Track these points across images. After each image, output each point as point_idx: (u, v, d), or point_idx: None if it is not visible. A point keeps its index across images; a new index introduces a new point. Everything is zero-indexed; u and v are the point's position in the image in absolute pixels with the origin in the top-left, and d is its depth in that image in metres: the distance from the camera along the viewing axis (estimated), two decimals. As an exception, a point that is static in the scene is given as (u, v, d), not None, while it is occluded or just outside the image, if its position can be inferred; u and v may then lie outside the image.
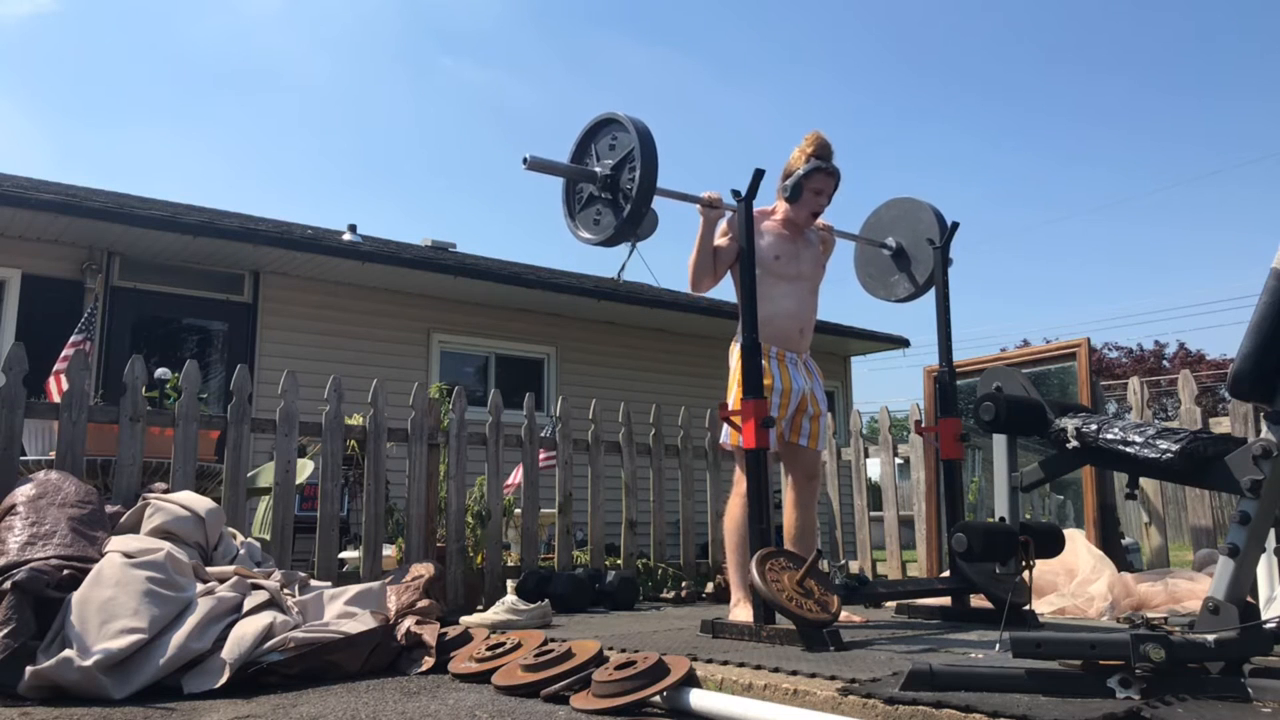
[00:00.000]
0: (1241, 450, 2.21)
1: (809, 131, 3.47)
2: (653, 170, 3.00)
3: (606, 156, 3.14)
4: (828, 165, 3.42)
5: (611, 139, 3.14)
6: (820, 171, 3.40)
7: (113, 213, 6.92)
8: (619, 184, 3.08)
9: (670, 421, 5.39)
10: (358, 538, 4.93)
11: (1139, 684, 1.92)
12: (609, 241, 3.17)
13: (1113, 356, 25.32)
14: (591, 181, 3.17)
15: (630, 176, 3.04)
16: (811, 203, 3.44)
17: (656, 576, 5.06)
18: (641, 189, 2.99)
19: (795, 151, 3.47)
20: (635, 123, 3.04)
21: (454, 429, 4.53)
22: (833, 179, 3.44)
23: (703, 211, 3.33)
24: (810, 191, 3.42)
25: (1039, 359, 5.16)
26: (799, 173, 3.40)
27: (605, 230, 3.15)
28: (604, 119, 3.17)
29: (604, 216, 3.16)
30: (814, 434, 3.52)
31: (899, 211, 3.96)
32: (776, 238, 3.48)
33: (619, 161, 3.09)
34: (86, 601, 2.61)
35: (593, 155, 3.19)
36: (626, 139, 3.07)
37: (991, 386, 2.96)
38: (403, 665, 2.93)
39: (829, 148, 3.44)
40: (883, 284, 4.05)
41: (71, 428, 3.63)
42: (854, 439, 5.63)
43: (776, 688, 2.20)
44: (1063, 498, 5.17)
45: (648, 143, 3.01)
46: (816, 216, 3.53)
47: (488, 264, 9.42)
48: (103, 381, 6.63)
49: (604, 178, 3.12)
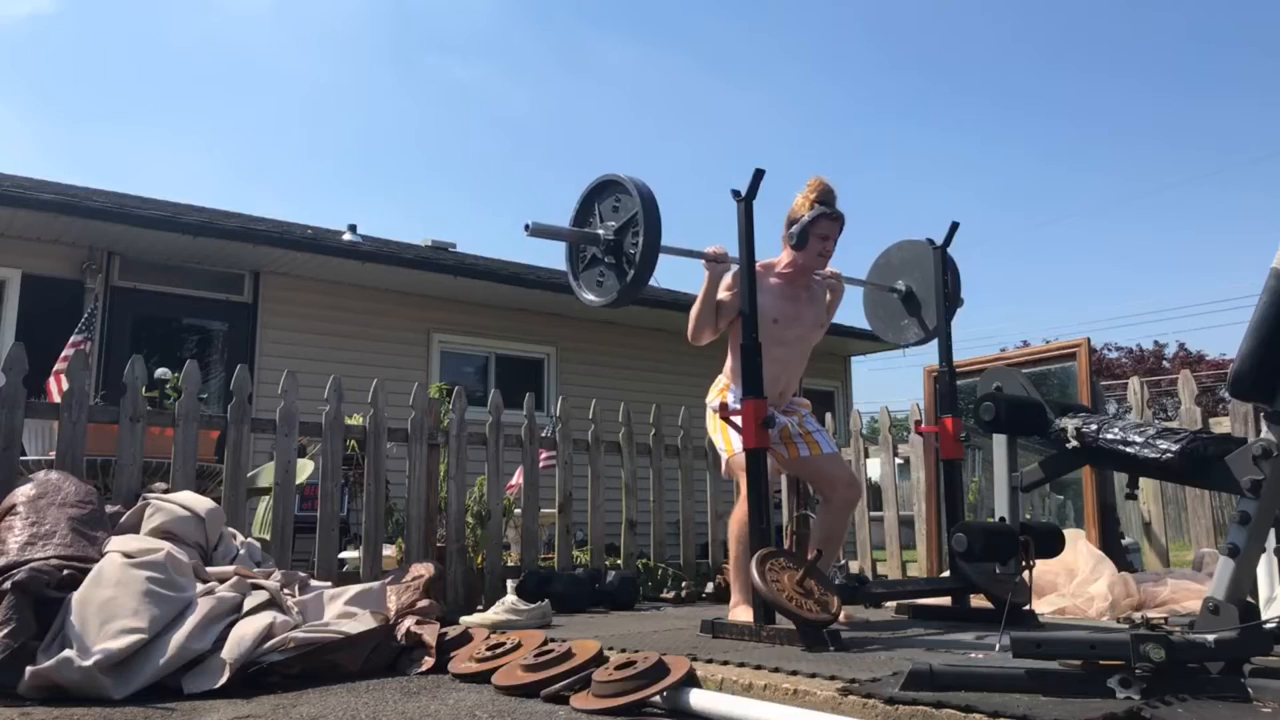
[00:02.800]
0: (1241, 450, 2.21)
1: (812, 177, 3.46)
2: (656, 236, 2.99)
3: (610, 218, 3.14)
4: (832, 210, 3.40)
5: (615, 200, 3.13)
6: (825, 217, 3.38)
7: (113, 213, 6.92)
8: (623, 248, 3.08)
9: (670, 421, 5.39)
10: (358, 538, 4.93)
11: (1139, 684, 1.92)
12: (613, 304, 3.18)
13: (1113, 356, 25.31)
14: (595, 244, 3.17)
15: (634, 241, 3.03)
16: (819, 248, 3.42)
17: (656, 576, 5.06)
18: (645, 255, 2.99)
19: (798, 198, 3.45)
20: (639, 186, 3.03)
21: (454, 429, 4.53)
22: (838, 223, 3.43)
23: (707, 266, 3.32)
24: (816, 238, 3.39)
25: (1039, 359, 5.16)
26: (804, 219, 3.38)
27: (609, 293, 3.16)
28: (607, 180, 3.17)
29: (607, 279, 3.17)
30: (810, 443, 3.51)
31: (909, 254, 3.90)
32: (779, 298, 3.42)
33: (622, 225, 3.08)
34: (86, 601, 2.61)
35: (596, 215, 3.19)
36: (630, 202, 3.06)
37: (991, 386, 2.96)
38: (403, 665, 2.93)
39: (832, 192, 3.43)
40: (892, 328, 4.01)
41: (71, 428, 3.63)
42: (854, 439, 5.63)
43: (776, 688, 2.20)
44: (1063, 498, 5.17)
45: (651, 207, 3.00)
46: (825, 262, 3.49)
47: (488, 264, 9.42)
48: (103, 381, 6.63)
49: (607, 241, 3.12)
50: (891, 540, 5.46)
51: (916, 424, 5.28)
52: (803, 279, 3.51)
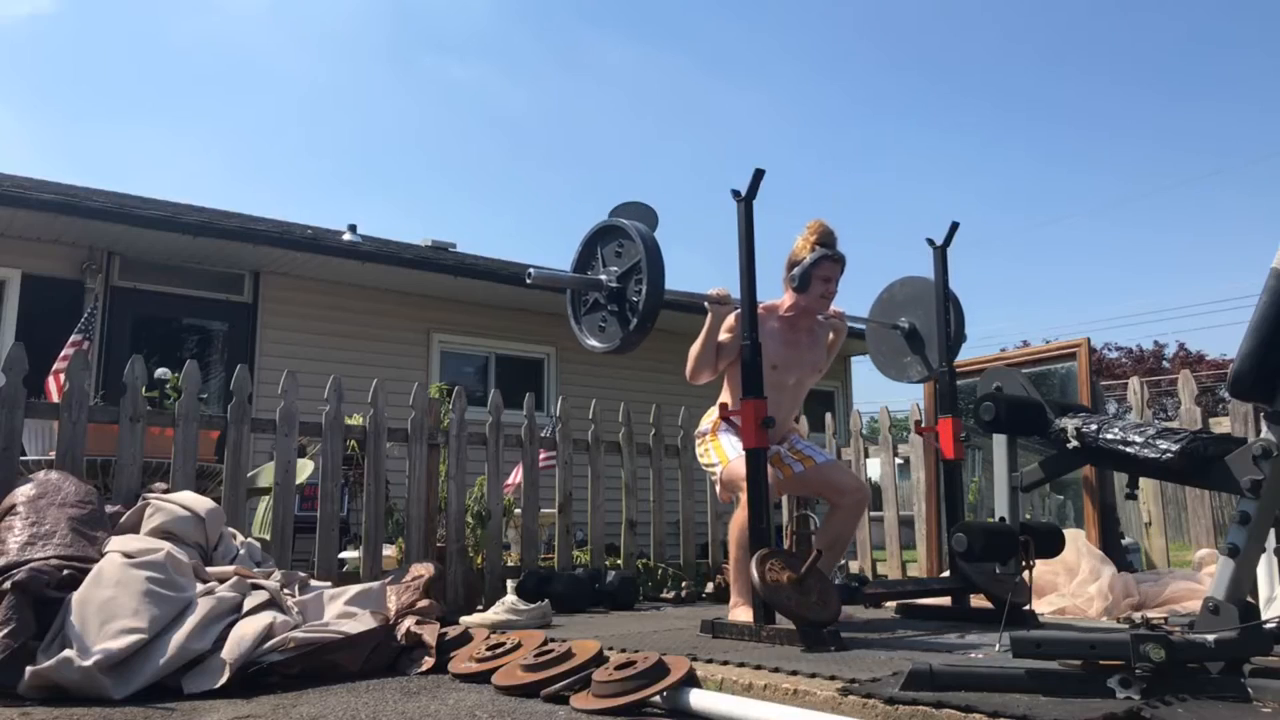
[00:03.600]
0: (1241, 450, 2.22)
1: (811, 220, 3.48)
2: (660, 285, 2.99)
3: (612, 263, 3.14)
4: (834, 252, 3.42)
5: (618, 246, 3.13)
6: (827, 259, 3.40)
7: (113, 213, 6.92)
8: (626, 295, 3.08)
9: (670, 421, 5.39)
10: (358, 538, 4.93)
11: (1139, 684, 1.92)
12: (616, 351, 3.18)
13: (1113, 356, 25.32)
14: (597, 290, 3.17)
15: (637, 289, 3.03)
16: (821, 290, 3.43)
17: (656, 576, 5.06)
18: (648, 304, 2.99)
19: (799, 240, 3.47)
20: (642, 233, 3.04)
21: (454, 429, 4.53)
22: (839, 265, 3.45)
23: (710, 307, 3.32)
24: (819, 280, 3.41)
25: (1039, 359, 5.16)
26: (806, 262, 3.40)
27: (611, 340, 3.16)
28: (610, 225, 3.18)
29: (609, 325, 3.17)
30: (806, 458, 3.52)
31: (913, 291, 3.90)
32: (779, 343, 3.42)
33: (625, 271, 3.08)
34: (86, 601, 2.61)
35: (599, 259, 3.19)
36: (633, 249, 3.06)
37: (991, 386, 2.96)
38: (403, 665, 2.93)
39: (832, 234, 3.45)
40: (895, 365, 4.01)
41: (71, 428, 3.63)
42: (854, 439, 5.63)
43: (776, 688, 2.20)
44: (1063, 498, 5.16)
45: (654, 255, 3.00)
46: (828, 303, 3.50)
47: (488, 264, 9.42)
48: (103, 381, 6.63)
49: (610, 288, 3.12)
50: (891, 540, 5.46)
51: (916, 424, 5.28)
52: (805, 322, 3.53)
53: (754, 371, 3.09)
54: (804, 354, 3.53)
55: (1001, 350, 14.12)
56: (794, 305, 3.47)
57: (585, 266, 3.25)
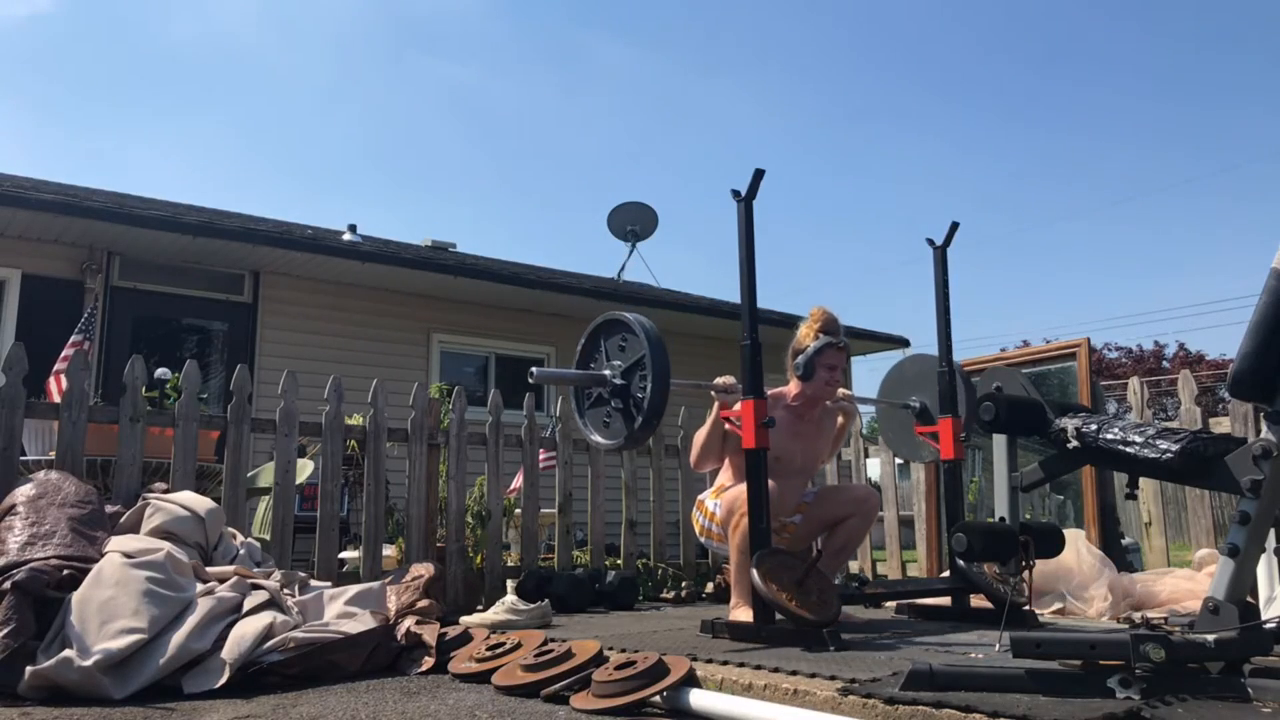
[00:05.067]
0: (1241, 450, 2.21)
1: (814, 308, 3.49)
2: (665, 381, 2.96)
3: (616, 357, 3.13)
4: (838, 339, 3.43)
5: (621, 340, 3.12)
6: (831, 347, 3.41)
7: (113, 213, 6.92)
8: (630, 391, 3.07)
9: (670, 421, 5.38)
10: (358, 538, 4.93)
11: (1139, 684, 1.93)
12: (621, 449, 3.17)
13: (1113, 356, 25.32)
14: (601, 386, 3.16)
15: (642, 385, 3.01)
16: (826, 377, 3.43)
17: (656, 576, 5.06)
18: (654, 401, 2.96)
19: (802, 329, 3.48)
20: (645, 327, 3.02)
21: (454, 429, 4.53)
22: (843, 353, 3.47)
23: (717, 396, 3.32)
24: (823, 368, 3.41)
25: (1039, 359, 5.16)
26: (810, 351, 3.40)
27: (616, 436, 3.14)
28: (613, 319, 3.17)
29: (614, 421, 3.15)
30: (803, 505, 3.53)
31: (922, 368, 3.89)
32: (784, 435, 3.38)
33: (629, 367, 3.07)
34: (86, 601, 2.61)
35: (602, 353, 3.18)
36: (636, 343, 3.04)
37: (991, 386, 2.96)
38: (403, 665, 2.93)
39: (836, 322, 3.47)
40: (907, 444, 4.01)
41: (71, 428, 3.63)
42: (854, 439, 5.63)
43: (776, 688, 2.20)
44: (1063, 498, 5.17)
45: (659, 350, 2.97)
46: (834, 390, 3.49)
47: (488, 264, 9.42)
48: (103, 381, 6.63)
49: (614, 384, 3.10)
50: (891, 540, 5.46)
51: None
52: (813, 410, 3.54)
53: (755, 370, 3.09)
54: (807, 444, 3.54)
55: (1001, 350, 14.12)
56: (800, 394, 3.48)
57: (588, 360, 3.23)
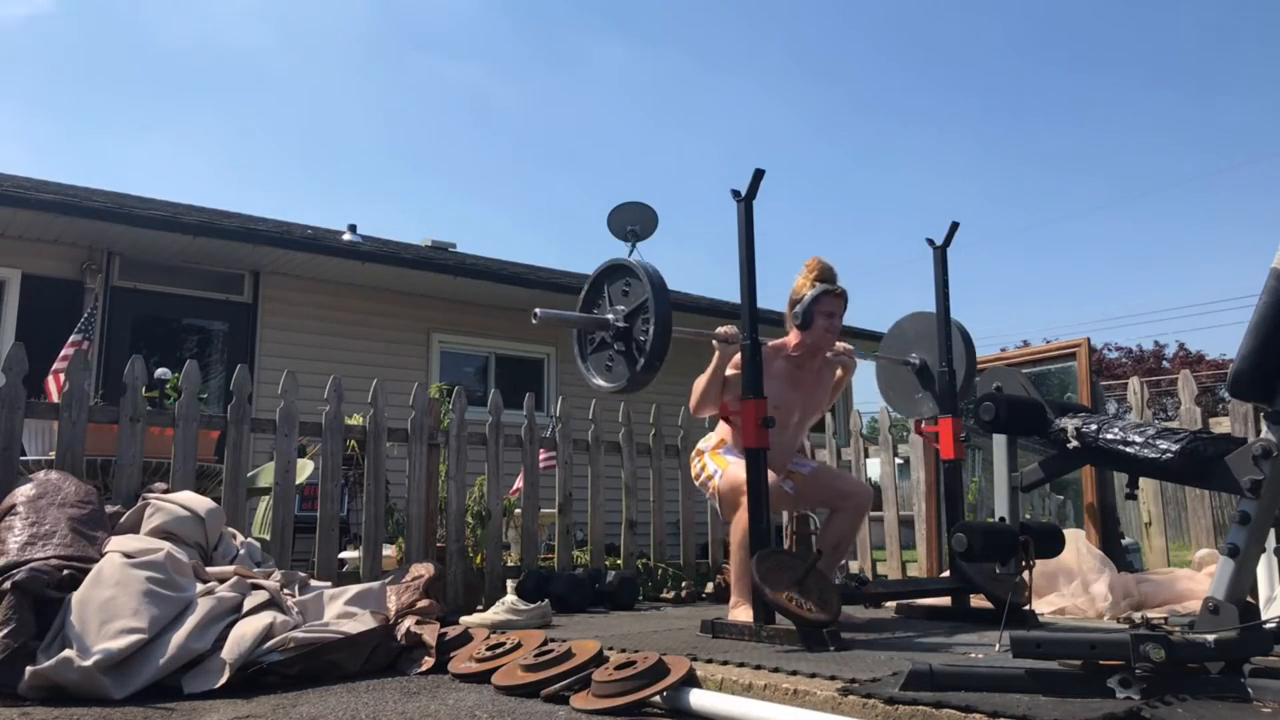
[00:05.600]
0: (1241, 450, 2.21)
1: (809, 258, 3.49)
2: (668, 325, 2.97)
3: (619, 302, 3.13)
4: (835, 288, 3.44)
5: (625, 285, 3.13)
6: (828, 294, 3.42)
7: (113, 213, 6.92)
8: (633, 335, 3.07)
9: (670, 421, 5.39)
10: (358, 538, 4.93)
11: (1139, 684, 1.92)
12: (623, 392, 3.17)
13: (1113, 356, 25.32)
14: (604, 330, 3.17)
15: (644, 329, 3.02)
16: (825, 325, 3.43)
17: (656, 576, 5.06)
18: (656, 344, 2.98)
19: (799, 279, 3.49)
20: (649, 272, 3.03)
21: (454, 429, 4.53)
22: (841, 300, 3.47)
23: (718, 345, 3.33)
24: (822, 315, 3.42)
25: (1039, 359, 5.16)
26: (807, 299, 3.41)
27: (619, 379, 3.15)
28: (618, 264, 3.17)
29: (616, 365, 3.16)
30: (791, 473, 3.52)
31: (924, 326, 3.89)
32: (783, 385, 3.41)
33: (632, 310, 3.07)
34: (86, 601, 2.61)
35: (605, 298, 3.18)
36: (640, 287, 3.05)
37: (991, 386, 2.96)
38: (403, 665, 2.93)
39: (832, 270, 3.48)
40: (906, 401, 4.01)
41: (71, 428, 3.63)
42: (854, 439, 5.63)
43: (776, 688, 2.20)
44: (1063, 498, 5.17)
45: (662, 294, 2.99)
46: (833, 339, 3.50)
47: (488, 264, 9.42)
48: (103, 381, 6.63)
49: (617, 327, 3.11)
50: (891, 540, 5.46)
51: (916, 424, 5.28)
52: (813, 361, 3.54)
53: (754, 370, 3.09)
54: (807, 395, 3.54)
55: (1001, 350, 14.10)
56: (800, 344, 3.49)
57: (592, 305, 3.24)
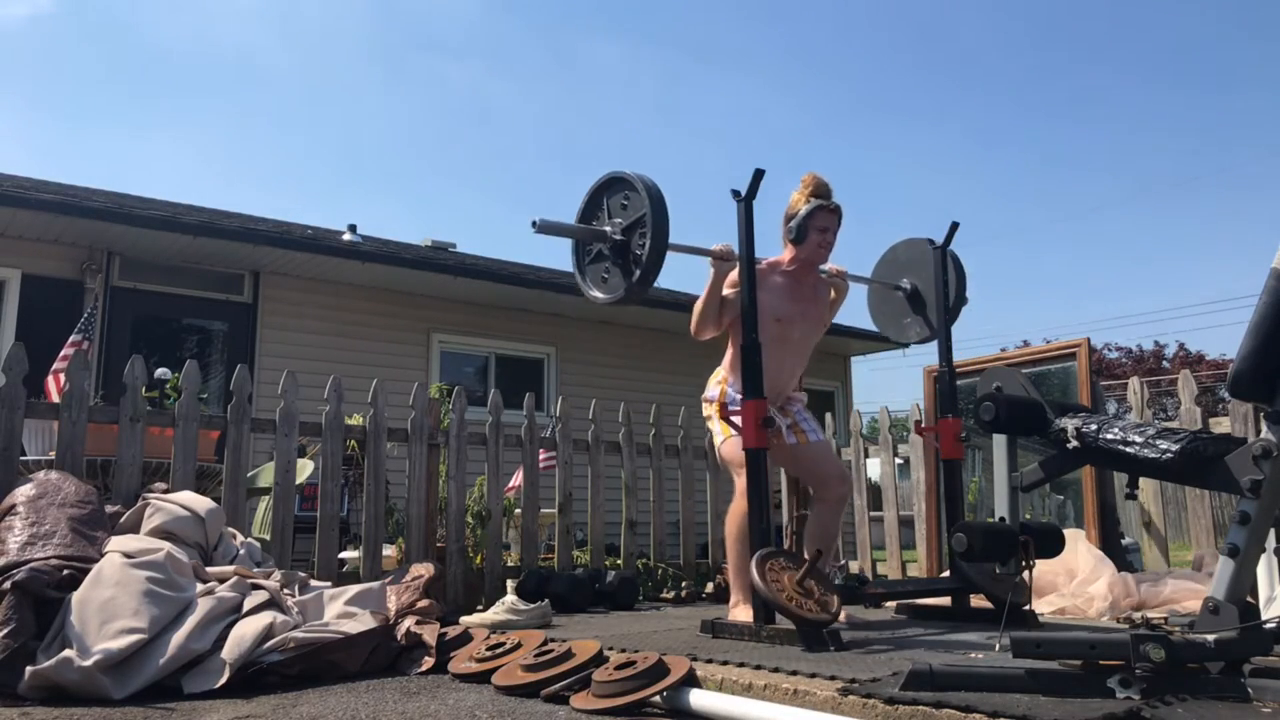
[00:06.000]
0: (1241, 450, 2.21)
1: (805, 174, 3.48)
2: (664, 239, 2.98)
3: (617, 215, 3.13)
4: (829, 203, 3.43)
5: (624, 198, 3.12)
6: (822, 209, 3.41)
7: (113, 213, 6.92)
8: (630, 247, 3.08)
9: (670, 421, 5.39)
10: (358, 538, 4.93)
11: (1139, 684, 1.92)
12: (619, 302, 3.18)
13: (1113, 356, 25.32)
14: (602, 241, 3.17)
15: (641, 242, 3.02)
16: (819, 240, 3.43)
17: (656, 576, 5.06)
18: (652, 257, 2.98)
19: (794, 194, 3.48)
20: (648, 185, 3.03)
21: (454, 429, 4.53)
22: (835, 215, 3.45)
23: (713, 263, 3.32)
24: (815, 230, 3.41)
25: (1039, 359, 5.16)
26: (801, 214, 3.41)
27: (615, 290, 3.15)
28: (616, 177, 3.17)
29: (613, 276, 3.16)
30: (797, 429, 3.51)
31: (916, 253, 3.90)
32: (782, 298, 3.42)
33: (630, 224, 3.08)
34: (86, 601, 2.61)
35: (604, 210, 3.18)
36: (638, 201, 3.05)
37: (991, 386, 2.96)
38: (403, 665, 2.93)
39: (827, 186, 3.46)
40: (895, 325, 4.01)
41: (71, 428, 3.63)
42: (854, 439, 5.63)
43: (776, 688, 2.20)
44: (1063, 498, 5.17)
45: (660, 208, 2.99)
46: (826, 253, 3.50)
47: (488, 264, 9.42)
48: (103, 381, 6.63)
49: (614, 240, 3.11)
50: (891, 540, 5.46)
51: (916, 424, 5.28)
52: (808, 276, 3.53)
53: (754, 370, 3.09)
54: (807, 307, 3.53)
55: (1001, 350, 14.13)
56: (794, 259, 3.48)
57: (590, 218, 3.23)
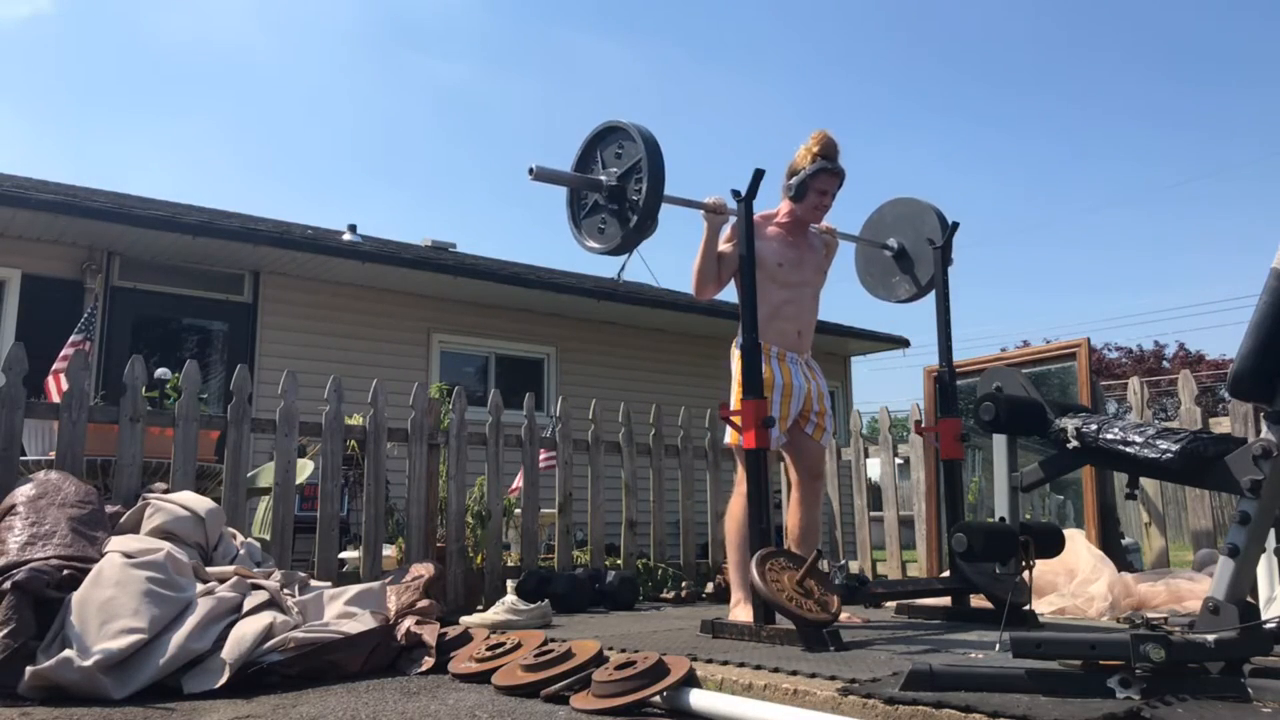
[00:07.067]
0: (1241, 450, 2.21)
1: (815, 130, 3.46)
2: (660, 183, 2.99)
3: (612, 165, 3.13)
4: (833, 165, 3.41)
5: (618, 147, 3.12)
6: (826, 171, 3.39)
7: (113, 213, 6.92)
8: (625, 195, 3.07)
9: (670, 421, 5.39)
10: (358, 538, 4.93)
11: (1139, 684, 1.92)
12: (615, 251, 3.17)
13: (1113, 356, 25.33)
14: (597, 190, 3.16)
15: (637, 188, 3.02)
16: (816, 201, 3.43)
17: (656, 576, 5.06)
18: (648, 201, 2.98)
19: (800, 150, 3.45)
20: (643, 133, 3.03)
21: (454, 429, 4.53)
22: (837, 179, 3.44)
23: (707, 217, 3.32)
24: (815, 191, 3.41)
25: (1039, 359, 5.16)
26: (805, 172, 3.40)
27: (611, 240, 3.15)
28: (611, 126, 3.16)
29: (609, 226, 3.16)
30: (820, 426, 3.52)
31: (902, 211, 3.94)
32: (780, 244, 3.46)
33: (625, 171, 3.08)
34: (86, 601, 2.61)
35: (599, 162, 3.18)
36: (633, 148, 3.05)
37: (991, 386, 2.96)
38: (403, 665, 2.93)
39: (835, 146, 3.43)
40: (884, 284, 4.04)
41: (71, 428, 3.62)
42: (854, 439, 5.63)
43: (776, 688, 2.20)
44: (1063, 498, 5.16)
45: (655, 154, 3.00)
46: (821, 215, 3.51)
47: (488, 264, 9.42)
48: (103, 381, 6.63)
49: (610, 188, 3.11)
50: (891, 540, 5.46)
51: (916, 424, 5.28)
52: (800, 231, 3.53)
53: (754, 371, 3.09)
54: (805, 254, 3.54)
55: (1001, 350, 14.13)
56: (789, 213, 3.48)
57: (585, 169, 3.23)
